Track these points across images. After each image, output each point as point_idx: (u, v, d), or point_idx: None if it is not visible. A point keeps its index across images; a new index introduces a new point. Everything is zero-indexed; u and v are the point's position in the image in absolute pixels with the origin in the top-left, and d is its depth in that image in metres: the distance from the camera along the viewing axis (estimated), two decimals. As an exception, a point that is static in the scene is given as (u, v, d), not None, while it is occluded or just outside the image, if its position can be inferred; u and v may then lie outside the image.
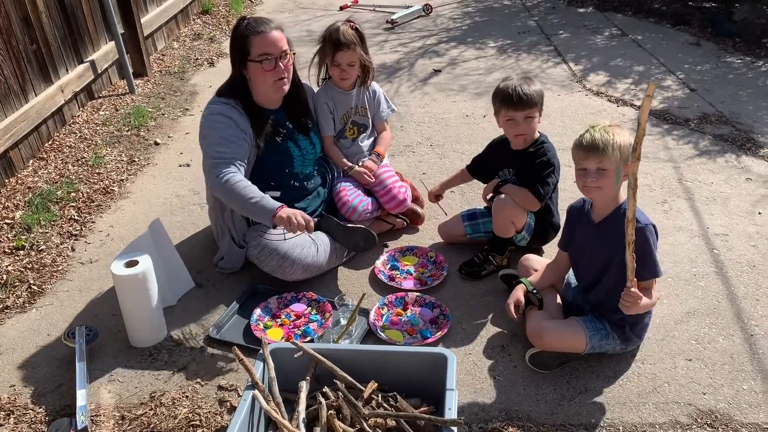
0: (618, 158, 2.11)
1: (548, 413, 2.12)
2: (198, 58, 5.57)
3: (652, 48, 5.47)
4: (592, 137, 2.13)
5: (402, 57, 5.50)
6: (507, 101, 2.61)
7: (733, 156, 3.69)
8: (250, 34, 2.55)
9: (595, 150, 2.12)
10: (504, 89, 2.62)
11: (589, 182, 2.17)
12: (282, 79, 2.61)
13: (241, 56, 2.60)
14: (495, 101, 2.70)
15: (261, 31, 2.54)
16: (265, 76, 2.56)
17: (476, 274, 2.74)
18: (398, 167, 3.61)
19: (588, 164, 2.16)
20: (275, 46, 2.55)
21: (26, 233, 3.07)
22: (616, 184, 2.18)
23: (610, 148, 2.10)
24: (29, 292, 2.73)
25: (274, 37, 2.55)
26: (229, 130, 2.57)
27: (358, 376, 2.03)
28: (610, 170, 2.13)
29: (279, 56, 2.56)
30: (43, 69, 3.88)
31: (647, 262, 2.12)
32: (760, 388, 2.18)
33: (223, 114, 2.59)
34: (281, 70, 2.58)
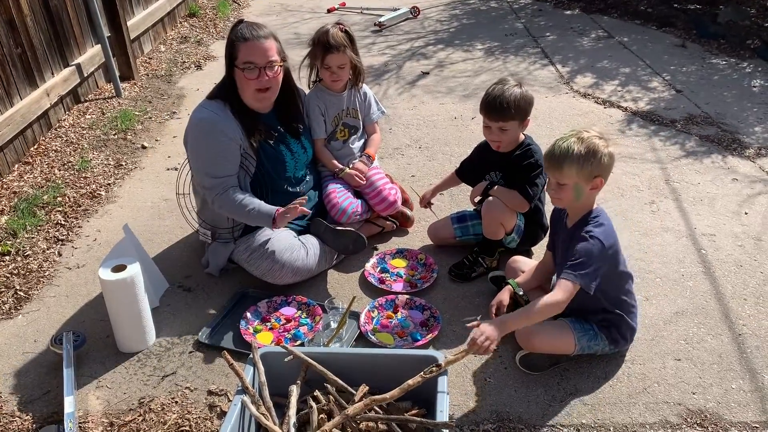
0: (575, 174, 2.07)
1: (539, 414, 2.12)
2: (185, 61, 5.54)
3: (638, 50, 5.51)
4: (553, 149, 2.11)
5: (390, 59, 5.51)
6: (484, 108, 2.63)
7: (719, 156, 3.72)
8: (237, 40, 2.52)
9: (552, 163, 2.12)
10: (487, 95, 2.62)
11: (551, 193, 2.19)
12: (265, 90, 2.57)
13: (229, 60, 2.58)
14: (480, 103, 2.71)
15: (247, 38, 2.50)
16: (247, 83, 2.54)
17: (466, 276, 2.74)
18: (387, 170, 3.60)
19: (550, 175, 2.17)
20: (261, 55, 2.51)
21: (12, 238, 3.03)
22: (578, 199, 2.14)
23: (567, 164, 2.06)
24: (15, 298, 2.70)
25: (261, 46, 2.51)
26: (217, 145, 2.56)
27: (349, 380, 2.02)
28: (568, 185, 2.11)
29: (264, 66, 2.52)
30: (29, 73, 3.85)
31: (576, 263, 2.07)
32: (748, 387, 2.20)
33: (211, 122, 2.57)
34: (264, 80, 2.53)
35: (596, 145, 2.07)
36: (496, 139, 2.66)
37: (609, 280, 2.17)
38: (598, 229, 2.12)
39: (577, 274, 2.06)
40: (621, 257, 2.21)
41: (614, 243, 2.15)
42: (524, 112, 2.61)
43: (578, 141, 2.07)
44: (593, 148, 2.06)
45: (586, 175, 2.08)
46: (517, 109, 2.57)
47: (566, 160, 2.07)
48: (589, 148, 2.06)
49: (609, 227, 2.16)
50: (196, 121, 2.61)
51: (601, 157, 2.07)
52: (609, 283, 2.18)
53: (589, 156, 2.05)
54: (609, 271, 2.15)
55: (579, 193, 2.12)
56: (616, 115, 4.29)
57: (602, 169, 2.09)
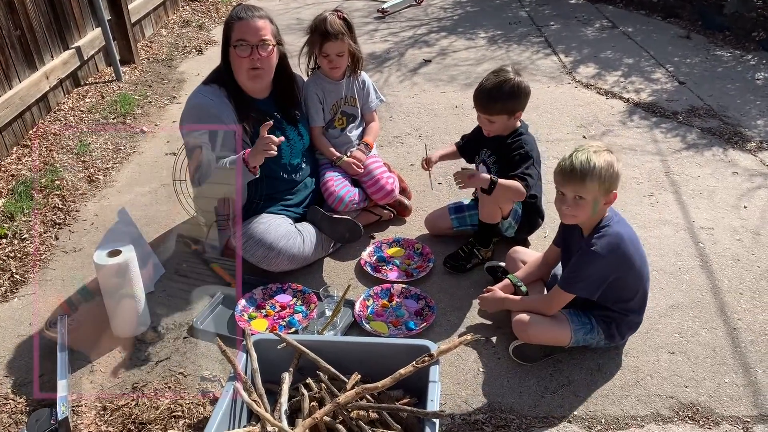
0: (597, 188, 2.06)
1: (531, 405, 2.13)
2: (186, 45, 5.52)
3: (642, 40, 5.46)
4: (572, 163, 2.07)
5: (392, 46, 5.47)
6: (474, 98, 2.65)
7: (720, 149, 3.70)
8: (232, 20, 2.54)
9: (573, 177, 2.07)
10: (480, 84, 2.62)
11: (565, 209, 2.15)
12: (257, 69, 2.57)
13: (225, 42, 2.58)
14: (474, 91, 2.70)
15: (242, 17, 2.53)
16: (240, 62, 2.54)
17: (461, 268, 2.73)
18: (386, 158, 3.59)
19: (566, 190, 2.12)
20: (254, 33, 2.51)
21: (9, 221, 3.03)
22: (593, 214, 2.13)
23: (589, 178, 2.04)
24: (11, 281, 2.71)
25: (255, 25, 2.52)
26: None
27: (342, 368, 2.03)
28: (588, 200, 2.09)
29: (256, 44, 2.52)
30: (28, 55, 3.83)
31: (571, 273, 2.17)
32: (741, 382, 2.19)
33: (206, 107, 2.56)
34: (256, 59, 2.54)
35: (612, 159, 2.07)
36: (485, 126, 2.68)
37: (620, 284, 2.17)
38: (601, 241, 2.10)
39: (571, 286, 2.16)
40: (635, 259, 2.17)
41: (622, 252, 2.12)
42: (512, 108, 2.59)
43: (595, 154, 2.05)
44: (610, 161, 2.06)
45: (605, 190, 2.08)
46: (504, 106, 2.57)
47: (588, 175, 2.04)
48: (607, 162, 2.05)
49: (615, 235, 2.12)
50: (191, 106, 2.60)
51: (617, 171, 2.07)
52: (619, 287, 2.18)
53: (609, 170, 2.05)
54: (621, 275, 2.15)
55: (596, 208, 2.11)
56: (617, 107, 4.27)
57: (616, 183, 2.09)
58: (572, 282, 2.16)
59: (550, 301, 2.23)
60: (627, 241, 2.14)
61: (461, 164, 2.98)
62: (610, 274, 2.13)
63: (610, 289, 2.16)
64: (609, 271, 2.12)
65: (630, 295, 2.22)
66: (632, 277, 2.18)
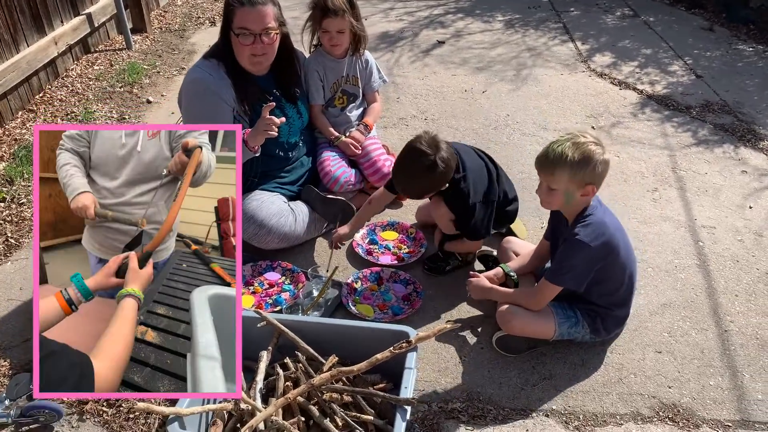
0: (567, 180, 2.03)
1: (510, 397, 2.11)
2: (200, 16, 5.49)
3: (662, 31, 5.33)
4: (547, 152, 2.06)
5: (406, 26, 5.40)
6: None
7: (731, 147, 3.61)
8: (235, 4, 2.47)
9: (544, 166, 2.08)
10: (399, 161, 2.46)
11: (541, 196, 2.16)
12: (259, 56, 2.52)
13: (225, 23, 2.54)
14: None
15: (244, 3, 2.44)
16: (242, 49, 2.50)
17: (440, 270, 2.64)
18: (390, 140, 3.57)
19: (540, 178, 2.13)
20: (257, 22, 2.45)
21: (8, 185, 3.06)
22: (568, 204, 2.11)
23: (559, 169, 2.02)
24: (5, 245, 2.73)
25: (259, 13, 2.45)
26: (210, 106, 2.54)
27: (322, 350, 2.02)
28: (559, 190, 2.07)
29: (260, 33, 2.47)
30: (37, 20, 3.83)
31: (558, 264, 2.14)
32: (726, 385, 2.16)
33: (204, 82, 2.54)
34: (259, 47, 2.49)
35: (591, 152, 2.01)
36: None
37: (604, 275, 2.14)
38: (586, 230, 2.07)
39: (558, 278, 2.12)
40: (620, 248, 2.14)
41: (607, 240, 2.09)
42: (428, 190, 2.48)
43: (573, 146, 2.01)
44: (588, 155, 2.00)
45: (577, 182, 2.04)
46: (421, 190, 2.51)
47: (558, 165, 2.02)
48: (583, 155, 2.00)
49: (599, 224, 2.09)
50: (190, 81, 2.58)
51: (595, 165, 2.01)
52: (603, 278, 2.15)
53: (582, 163, 2.00)
54: (605, 265, 2.12)
55: (569, 199, 2.09)
56: (630, 98, 4.18)
57: (595, 177, 2.04)
58: (559, 273, 2.13)
59: (537, 295, 2.20)
60: (611, 229, 2.11)
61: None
62: (596, 263, 2.09)
63: (595, 281, 2.13)
64: (595, 260, 2.09)
65: (614, 287, 2.19)
66: (617, 267, 2.15)
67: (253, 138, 2.46)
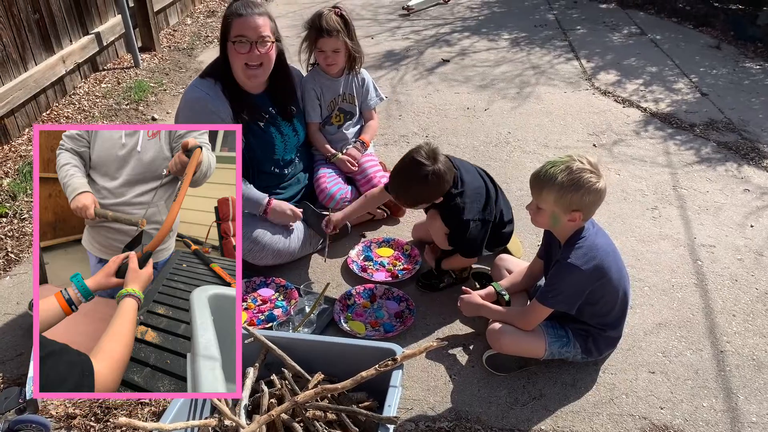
0: (553, 203, 2.04)
1: (499, 416, 2.09)
2: (209, 35, 5.57)
3: (669, 49, 5.32)
4: (539, 172, 2.07)
5: (412, 45, 5.43)
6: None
7: (734, 165, 3.58)
8: (231, 16, 2.52)
9: (534, 186, 2.10)
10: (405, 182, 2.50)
11: (531, 213, 2.18)
12: (254, 66, 2.55)
13: (222, 37, 2.58)
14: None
15: (241, 14, 2.50)
16: (237, 58, 2.53)
17: (434, 287, 2.64)
18: (391, 157, 3.58)
19: (532, 195, 2.15)
20: (253, 30, 2.49)
21: (11, 201, 3.10)
22: (555, 226, 2.12)
23: (546, 191, 2.03)
24: (5, 259, 2.77)
25: (255, 22, 2.50)
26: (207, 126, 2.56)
27: (310, 367, 2.02)
28: (545, 211, 2.08)
29: (256, 41, 2.50)
30: (45, 39, 3.91)
31: (548, 287, 2.12)
32: (720, 407, 2.12)
33: (201, 101, 2.57)
34: (255, 55, 2.52)
35: (582, 179, 1.99)
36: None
37: (596, 297, 2.13)
38: (577, 253, 2.06)
39: (549, 300, 2.10)
40: (612, 272, 2.12)
41: (598, 263, 2.07)
42: (420, 200, 2.52)
43: (566, 170, 2.01)
44: (577, 182, 1.99)
45: (563, 207, 2.04)
46: (412, 200, 2.54)
47: (547, 186, 2.03)
48: (573, 181, 1.99)
49: (591, 247, 2.08)
50: (188, 100, 2.61)
51: (585, 193, 2.00)
52: (595, 301, 2.14)
53: (570, 189, 2.00)
54: (597, 288, 2.10)
55: (555, 221, 2.09)
56: (633, 115, 4.16)
57: (582, 204, 2.03)
58: (549, 295, 2.11)
59: (528, 315, 2.18)
60: (603, 252, 2.09)
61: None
62: (587, 287, 2.08)
63: (587, 302, 2.11)
64: (586, 284, 2.07)
65: (606, 310, 2.16)
66: (609, 290, 2.12)
67: (273, 214, 2.65)
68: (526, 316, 2.19)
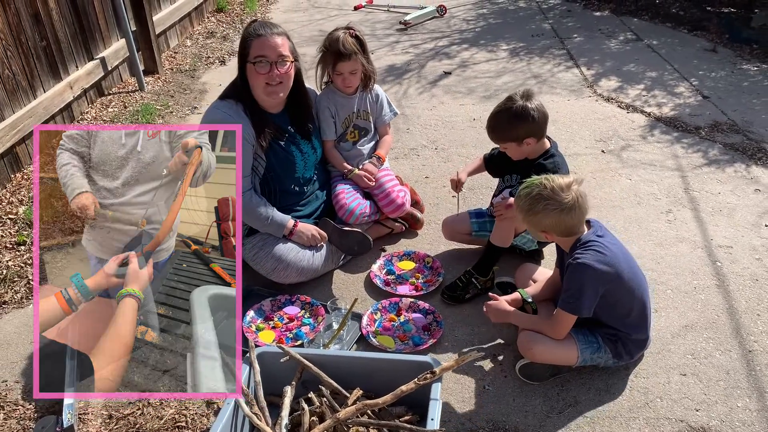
0: (522, 219, 2.19)
1: (536, 425, 2.09)
2: (210, 56, 5.59)
3: (666, 53, 5.39)
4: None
5: (413, 58, 5.48)
6: (487, 128, 2.62)
7: (742, 166, 3.62)
8: (250, 37, 2.54)
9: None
10: (493, 113, 2.57)
11: None
12: (275, 84, 2.57)
13: (241, 58, 2.60)
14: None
15: (261, 35, 2.52)
16: (258, 78, 2.54)
17: (459, 298, 2.65)
18: (401, 170, 3.60)
19: None
20: (272, 50, 2.52)
21: (28, 228, 3.10)
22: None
23: (517, 211, 2.20)
24: (27, 287, 2.76)
25: (274, 42, 2.52)
26: None
27: (345, 383, 2.03)
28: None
29: (276, 61, 2.52)
30: (53, 65, 3.92)
31: (568, 294, 2.13)
32: (755, 406, 2.14)
33: (223, 123, 2.58)
34: (275, 75, 2.54)
35: (540, 203, 2.09)
36: (508, 153, 2.62)
37: (611, 299, 2.14)
38: (587, 253, 2.09)
39: (569, 305, 2.12)
40: (623, 269, 2.14)
41: (609, 260, 2.09)
42: (516, 135, 2.51)
43: (526, 194, 2.13)
44: (532, 206, 2.11)
45: (530, 225, 2.19)
46: (505, 134, 2.54)
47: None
48: (530, 206, 2.13)
49: (600, 246, 2.10)
50: (209, 121, 2.62)
51: (543, 216, 2.11)
52: (610, 302, 2.15)
53: (529, 212, 2.14)
54: (610, 288, 2.12)
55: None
56: (638, 121, 4.21)
57: (546, 226, 2.14)
58: (569, 301, 2.12)
59: (555, 325, 2.19)
60: (611, 252, 2.11)
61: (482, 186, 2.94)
62: (600, 285, 2.09)
63: (605, 304, 2.13)
64: (598, 281, 2.08)
65: (625, 311, 2.18)
66: (624, 289, 2.14)
67: (299, 237, 2.70)
68: (554, 326, 2.20)
